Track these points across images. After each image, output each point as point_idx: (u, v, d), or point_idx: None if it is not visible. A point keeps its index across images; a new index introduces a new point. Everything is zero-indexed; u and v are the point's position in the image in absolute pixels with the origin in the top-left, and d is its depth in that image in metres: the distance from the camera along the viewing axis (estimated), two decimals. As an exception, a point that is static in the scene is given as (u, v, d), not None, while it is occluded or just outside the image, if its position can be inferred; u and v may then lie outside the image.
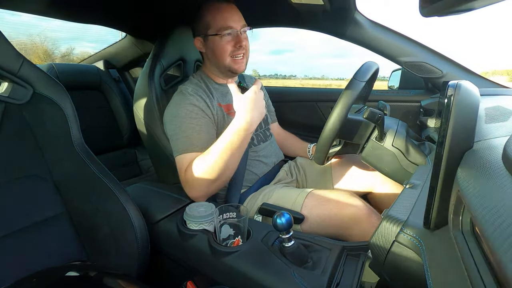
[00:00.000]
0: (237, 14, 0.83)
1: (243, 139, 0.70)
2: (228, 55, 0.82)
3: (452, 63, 1.03)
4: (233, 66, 0.84)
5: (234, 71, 0.85)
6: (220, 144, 0.70)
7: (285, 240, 0.57)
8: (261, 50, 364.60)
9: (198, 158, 0.73)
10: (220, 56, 0.83)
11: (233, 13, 0.82)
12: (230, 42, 0.81)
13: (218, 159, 0.70)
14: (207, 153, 0.72)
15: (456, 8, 0.25)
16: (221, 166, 0.70)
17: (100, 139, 1.54)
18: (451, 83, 0.36)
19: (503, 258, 0.19)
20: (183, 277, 0.59)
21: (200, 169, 0.71)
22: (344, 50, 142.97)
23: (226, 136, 0.70)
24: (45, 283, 0.45)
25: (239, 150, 0.71)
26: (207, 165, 0.70)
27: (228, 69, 0.85)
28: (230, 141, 0.69)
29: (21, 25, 12.22)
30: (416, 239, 0.37)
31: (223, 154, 0.70)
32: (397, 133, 0.74)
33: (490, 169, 0.29)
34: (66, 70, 1.44)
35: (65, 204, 0.66)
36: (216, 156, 0.70)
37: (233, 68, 0.84)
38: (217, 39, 0.81)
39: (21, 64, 0.63)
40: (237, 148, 0.70)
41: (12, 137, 0.63)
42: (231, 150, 0.70)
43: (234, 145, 0.70)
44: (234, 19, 0.81)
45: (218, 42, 0.81)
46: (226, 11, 0.81)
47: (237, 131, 0.69)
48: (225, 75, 0.89)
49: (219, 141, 0.71)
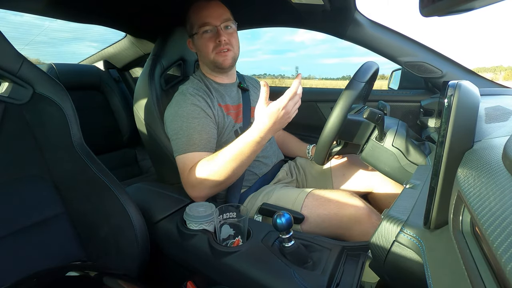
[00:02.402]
0: (216, 10, 0.82)
1: (254, 151, 0.69)
2: (211, 51, 0.82)
3: (452, 63, 1.03)
4: (218, 60, 0.83)
5: (220, 66, 0.84)
6: (230, 151, 0.69)
7: (285, 240, 0.57)
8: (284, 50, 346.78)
9: (204, 160, 0.73)
10: (205, 53, 0.83)
11: (212, 10, 0.82)
12: (210, 38, 0.81)
13: (225, 165, 0.70)
14: (214, 157, 0.71)
15: (456, 8, 0.25)
16: (227, 173, 0.70)
17: (100, 139, 1.54)
18: (451, 83, 0.36)
19: (503, 258, 0.19)
20: (183, 277, 0.59)
21: (206, 171, 0.71)
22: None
23: (237, 145, 0.69)
24: (45, 283, 0.45)
25: (247, 160, 0.71)
26: (213, 169, 0.70)
27: (215, 65, 0.84)
28: (241, 150, 0.69)
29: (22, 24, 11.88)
30: (416, 239, 0.37)
31: (232, 161, 0.69)
32: (397, 133, 0.74)
33: (490, 169, 0.29)
34: (66, 70, 1.44)
35: (65, 204, 0.66)
36: (224, 162, 0.69)
37: (218, 63, 0.83)
38: (198, 37, 0.82)
39: (21, 64, 0.63)
40: (246, 158, 0.70)
41: (12, 137, 0.63)
42: (240, 159, 0.69)
43: (244, 155, 0.69)
44: (212, 16, 0.81)
45: (199, 40, 0.83)
46: (205, 9, 0.81)
47: (250, 142, 0.68)
48: (216, 72, 0.89)
49: (229, 148, 0.70)
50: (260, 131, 0.67)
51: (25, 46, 1.41)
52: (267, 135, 0.67)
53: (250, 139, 0.68)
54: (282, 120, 0.66)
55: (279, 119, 0.65)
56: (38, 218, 0.62)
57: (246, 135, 0.69)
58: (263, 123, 0.66)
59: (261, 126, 0.66)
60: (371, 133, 0.77)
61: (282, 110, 0.64)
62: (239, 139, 0.70)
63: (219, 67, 0.85)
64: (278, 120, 0.65)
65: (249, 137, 0.68)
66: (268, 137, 0.68)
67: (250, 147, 0.68)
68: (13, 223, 0.59)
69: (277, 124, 0.66)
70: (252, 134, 0.68)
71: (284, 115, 0.65)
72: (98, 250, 0.65)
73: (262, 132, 0.66)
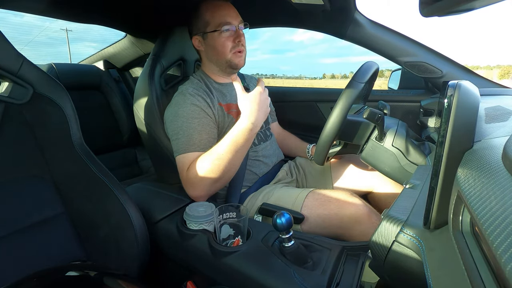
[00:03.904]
0: (234, 11, 0.85)
1: (247, 139, 0.71)
2: (229, 51, 0.83)
3: (452, 63, 1.03)
4: (234, 61, 0.84)
5: (235, 67, 0.86)
6: (224, 144, 0.71)
7: (285, 240, 0.57)
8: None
9: (201, 157, 0.73)
10: (221, 52, 0.83)
11: (230, 10, 0.84)
12: (229, 38, 0.82)
13: (222, 158, 0.70)
14: (210, 152, 0.72)
15: (456, 8, 0.25)
16: (225, 166, 0.71)
17: (100, 139, 1.54)
18: (451, 83, 0.36)
19: (503, 258, 0.19)
20: (183, 277, 0.60)
21: (203, 168, 0.71)
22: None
23: (231, 136, 0.71)
24: (45, 283, 0.45)
25: (242, 150, 0.72)
26: (210, 164, 0.71)
27: (229, 65, 0.85)
28: (235, 141, 0.70)
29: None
30: (416, 239, 0.37)
31: (227, 153, 0.70)
32: (397, 133, 0.74)
33: (490, 169, 0.29)
34: (66, 70, 1.44)
35: (65, 204, 0.66)
36: (220, 156, 0.70)
37: (234, 63, 0.85)
38: (216, 35, 0.82)
39: (21, 64, 0.63)
40: (241, 147, 0.71)
41: (12, 137, 0.63)
42: (235, 149, 0.70)
43: (238, 145, 0.71)
44: (232, 16, 0.83)
45: (217, 38, 0.82)
46: (224, 8, 0.83)
47: (242, 130, 0.70)
48: (225, 72, 0.89)
49: (224, 141, 0.71)
50: (248, 117, 0.70)
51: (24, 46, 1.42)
52: (257, 120, 0.71)
53: (241, 127, 0.71)
54: (266, 102, 0.74)
55: (262, 101, 0.72)
56: (38, 218, 0.62)
57: (237, 125, 0.71)
58: (249, 109, 0.71)
59: (248, 112, 0.71)
60: (371, 133, 0.77)
61: (259, 94, 0.72)
62: (232, 130, 0.72)
63: (234, 68, 0.86)
64: (262, 102, 0.72)
65: (241, 126, 0.71)
66: (258, 122, 0.72)
67: (243, 136, 0.70)
68: (13, 223, 0.59)
69: (262, 106, 0.72)
70: (242, 122, 0.71)
71: (264, 98, 0.73)
72: (98, 250, 0.65)
73: (251, 117, 0.70)
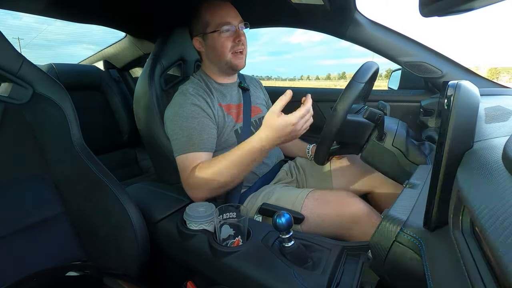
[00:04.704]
0: (234, 11, 0.85)
1: (255, 159, 0.69)
2: (229, 51, 0.83)
3: (452, 63, 1.03)
4: (234, 62, 0.84)
5: (235, 67, 0.86)
6: (231, 157, 0.69)
7: (285, 240, 0.57)
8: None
9: (205, 163, 0.72)
10: (221, 53, 0.83)
11: (230, 9, 0.84)
12: (229, 38, 0.82)
13: (225, 171, 0.69)
14: (215, 161, 0.71)
15: (456, 8, 0.25)
16: (227, 178, 0.70)
17: (100, 139, 1.54)
18: (451, 83, 0.36)
19: (503, 258, 0.19)
20: (183, 277, 0.59)
21: (205, 175, 0.71)
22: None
23: (239, 152, 0.69)
24: (45, 283, 0.45)
25: (248, 167, 0.71)
26: (213, 173, 0.70)
27: (229, 66, 0.85)
28: (243, 157, 0.68)
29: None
30: (416, 239, 0.37)
31: (232, 168, 0.69)
32: (397, 133, 0.74)
33: (490, 169, 0.29)
34: (66, 70, 1.44)
35: (65, 204, 0.66)
36: (225, 167, 0.69)
37: (234, 64, 0.84)
38: (216, 36, 0.82)
39: (21, 64, 0.63)
40: (246, 165, 0.70)
41: (12, 137, 0.63)
42: (240, 166, 0.69)
43: (244, 162, 0.69)
44: (231, 16, 0.83)
45: (217, 38, 0.82)
46: (224, 8, 0.83)
47: (252, 149, 0.67)
48: (225, 73, 0.89)
49: (231, 154, 0.70)
50: (263, 141, 0.66)
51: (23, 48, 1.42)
52: (271, 146, 0.67)
53: (253, 145, 0.67)
54: (288, 136, 0.65)
55: (285, 134, 0.64)
56: (38, 218, 0.62)
57: (249, 143, 0.68)
58: (269, 134, 0.65)
59: (265, 136, 0.65)
60: (371, 133, 0.77)
61: (291, 126, 0.63)
62: (242, 146, 0.69)
63: (234, 69, 0.86)
64: (285, 135, 0.64)
65: (253, 144, 0.67)
66: (270, 148, 0.67)
67: (251, 155, 0.68)
68: (13, 223, 0.59)
69: (282, 138, 0.65)
70: (255, 142, 0.67)
71: (292, 132, 0.64)
72: (98, 250, 0.65)
73: (265, 142, 0.66)
